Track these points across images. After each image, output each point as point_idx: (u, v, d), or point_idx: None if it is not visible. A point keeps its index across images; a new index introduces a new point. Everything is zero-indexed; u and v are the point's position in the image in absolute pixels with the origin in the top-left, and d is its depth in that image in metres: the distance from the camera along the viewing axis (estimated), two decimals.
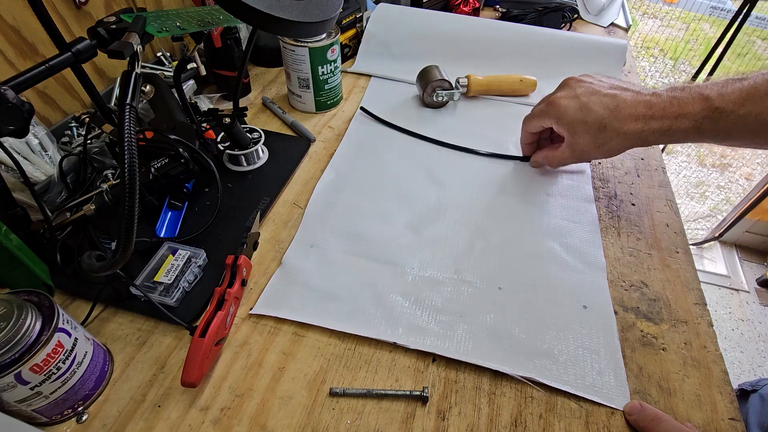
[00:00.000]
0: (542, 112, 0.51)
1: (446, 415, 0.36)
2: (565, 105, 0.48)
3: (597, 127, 0.46)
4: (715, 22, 2.15)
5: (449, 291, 0.44)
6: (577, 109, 0.47)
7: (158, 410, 0.35)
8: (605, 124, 0.46)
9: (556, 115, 0.49)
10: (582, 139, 0.48)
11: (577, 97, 0.48)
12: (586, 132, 0.47)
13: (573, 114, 0.48)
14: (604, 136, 0.46)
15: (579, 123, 0.47)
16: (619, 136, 0.46)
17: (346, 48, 0.76)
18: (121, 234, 0.30)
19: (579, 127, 0.47)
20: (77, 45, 0.37)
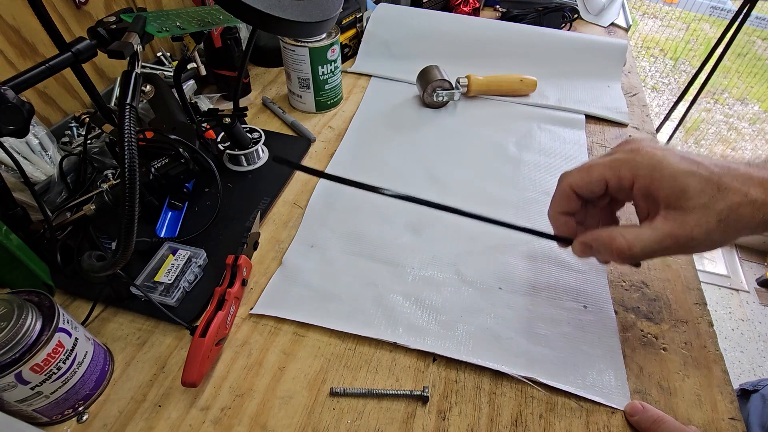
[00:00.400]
0: (618, 160, 0.33)
1: (446, 415, 0.36)
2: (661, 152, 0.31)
3: (716, 186, 0.30)
4: (715, 22, 2.15)
5: (449, 291, 0.44)
6: (680, 158, 0.31)
7: (159, 410, 0.35)
8: (725, 183, 0.30)
9: (649, 165, 0.31)
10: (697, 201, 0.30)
11: (668, 149, 0.32)
12: (702, 191, 0.30)
13: (677, 162, 0.31)
14: (726, 201, 0.30)
15: (691, 175, 0.30)
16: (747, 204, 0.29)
17: (346, 48, 0.76)
18: (122, 234, 0.30)
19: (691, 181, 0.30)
20: (77, 45, 0.37)
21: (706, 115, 2.39)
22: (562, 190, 0.36)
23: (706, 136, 2.32)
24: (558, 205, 0.37)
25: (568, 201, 0.36)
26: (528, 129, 0.64)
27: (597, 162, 0.34)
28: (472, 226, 0.50)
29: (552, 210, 0.38)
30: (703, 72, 1.64)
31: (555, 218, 0.38)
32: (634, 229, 0.32)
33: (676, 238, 0.31)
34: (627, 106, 0.69)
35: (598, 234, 0.35)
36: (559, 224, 0.38)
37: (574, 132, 0.64)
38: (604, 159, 0.34)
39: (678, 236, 0.31)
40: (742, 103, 2.43)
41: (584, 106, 0.68)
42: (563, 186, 0.36)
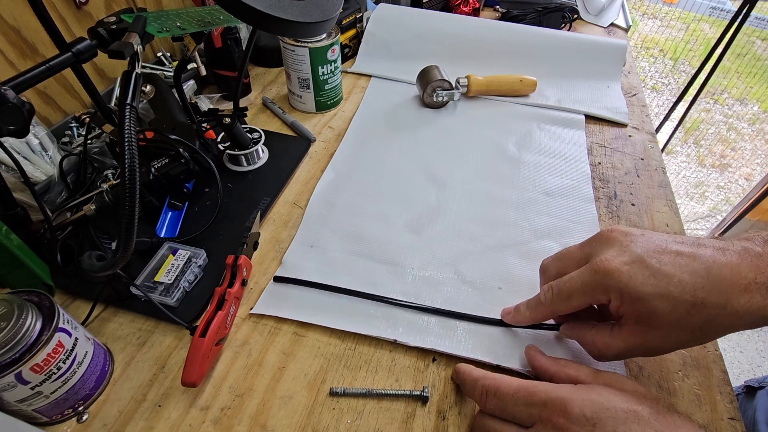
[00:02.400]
0: (588, 284, 0.32)
1: (446, 414, 0.36)
2: (627, 272, 0.31)
3: (689, 305, 0.29)
4: (714, 22, 2.15)
5: (449, 291, 0.44)
6: (649, 275, 0.30)
7: (159, 410, 0.35)
8: (701, 299, 0.29)
9: (617, 288, 0.31)
10: (665, 320, 0.30)
11: (640, 259, 0.31)
12: (673, 311, 0.29)
13: (645, 284, 0.30)
14: (700, 317, 0.29)
15: (660, 298, 0.29)
16: (725, 317, 0.28)
17: (346, 48, 0.77)
18: (122, 234, 0.30)
19: (661, 305, 0.29)
20: (77, 45, 0.37)
21: (705, 115, 2.39)
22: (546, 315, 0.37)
23: (706, 136, 2.32)
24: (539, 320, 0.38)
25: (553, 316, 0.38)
26: (528, 129, 0.64)
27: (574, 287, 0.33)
28: (472, 226, 0.50)
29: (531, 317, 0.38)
30: (703, 72, 1.64)
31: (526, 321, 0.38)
32: (605, 337, 0.33)
33: (643, 349, 0.32)
34: (627, 106, 0.69)
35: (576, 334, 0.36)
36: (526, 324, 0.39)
37: (574, 132, 0.64)
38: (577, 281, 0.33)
39: (645, 348, 0.32)
40: (742, 103, 2.43)
41: (584, 106, 0.68)
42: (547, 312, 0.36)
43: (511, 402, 0.30)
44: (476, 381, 0.33)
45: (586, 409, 0.27)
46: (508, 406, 0.30)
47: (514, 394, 0.30)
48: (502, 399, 0.31)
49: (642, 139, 0.64)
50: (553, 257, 0.38)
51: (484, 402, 0.32)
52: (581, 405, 0.27)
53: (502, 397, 0.31)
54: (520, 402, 0.30)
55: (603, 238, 0.34)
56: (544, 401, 0.29)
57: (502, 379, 0.32)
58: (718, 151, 2.25)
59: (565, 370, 0.33)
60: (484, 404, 0.32)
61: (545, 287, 0.36)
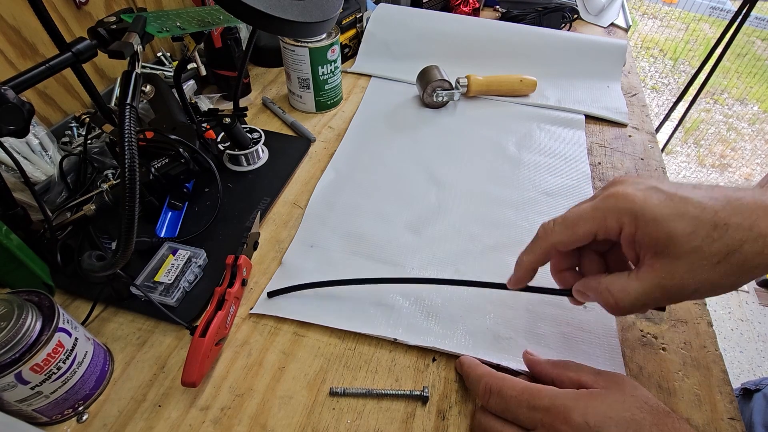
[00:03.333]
0: (599, 209, 0.29)
1: (446, 414, 0.36)
2: (642, 195, 0.28)
3: (710, 225, 0.26)
4: (714, 22, 2.15)
5: (449, 291, 0.44)
6: (665, 198, 0.27)
7: (158, 410, 0.35)
8: (723, 218, 0.26)
9: (631, 211, 0.28)
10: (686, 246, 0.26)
11: (654, 187, 0.28)
12: (693, 234, 0.26)
13: (661, 204, 0.27)
14: (724, 240, 0.26)
15: (677, 218, 0.26)
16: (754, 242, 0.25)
17: (346, 48, 0.77)
18: (122, 234, 0.30)
19: (678, 225, 0.26)
20: (77, 45, 0.37)
21: (705, 115, 2.39)
22: (544, 249, 0.32)
23: (706, 136, 2.32)
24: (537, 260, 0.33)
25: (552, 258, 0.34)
26: (528, 129, 0.64)
27: (581, 214, 0.30)
28: (472, 226, 0.50)
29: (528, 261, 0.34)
30: (703, 72, 1.64)
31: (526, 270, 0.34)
32: (621, 280, 0.29)
33: (666, 289, 0.27)
34: (627, 106, 0.69)
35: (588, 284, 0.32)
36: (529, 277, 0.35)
37: (574, 132, 0.64)
38: (587, 208, 0.30)
39: (667, 287, 0.27)
40: (742, 103, 2.43)
41: (584, 106, 0.68)
42: (545, 245, 0.32)
43: (514, 404, 0.30)
44: (480, 377, 0.33)
45: (589, 418, 0.27)
46: (511, 407, 0.30)
47: (517, 396, 0.30)
48: (506, 400, 0.31)
49: (642, 139, 0.64)
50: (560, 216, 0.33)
51: (486, 400, 0.32)
52: (584, 413, 0.27)
53: (506, 398, 0.31)
54: (524, 405, 0.30)
55: (614, 181, 0.31)
56: (547, 406, 0.29)
57: (507, 380, 0.32)
58: (718, 151, 2.25)
59: (566, 372, 0.33)
60: (486, 402, 0.32)
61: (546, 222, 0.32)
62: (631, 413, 0.27)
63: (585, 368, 0.33)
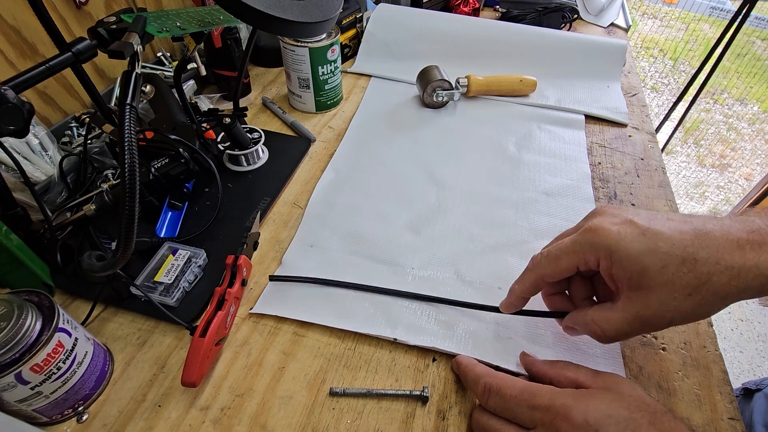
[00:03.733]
0: (578, 243, 0.32)
1: (446, 414, 0.36)
2: (616, 230, 0.30)
3: (679, 260, 0.28)
4: (714, 22, 2.15)
5: (449, 291, 0.44)
6: (637, 234, 0.29)
7: (158, 410, 0.35)
8: (691, 253, 0.28)
9: (606, 247, 0.30)
10: (658, 279, 0.28)
11: (628, 221, 0.30)
12: (663, 268, 0.28)
13: (633, 241, 0.29)
14: (693, 275, 0.28)
15: (648, 254, 0.29)
16: (721, 275, 0.27)
17: (346, 48, 0.77)
18: (122, 234, 0.30)
19: (649, 262, 0.28)
20: (77, 45, 0.37)
21: (705, 115, 2.39)
22: (534, 281, 0.35)
23: (706, 136, 2.32)
24: (528, 291, 0.36)
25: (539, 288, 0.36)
26: (528, 129, 0.64)
27: (563, 249, 0.33)
28: (472, 226, 0.50)
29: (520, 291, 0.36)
30: (703, 72, 1.64)
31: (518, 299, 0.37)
32: (605, 311, 0.32)
33: (645, 318, 0.30)
34: (627, 106, 0.69)
35: (575, 318, 0.35)
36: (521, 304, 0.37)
37: (574, 132, 0.64)
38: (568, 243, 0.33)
39: (645, 317, 0.29)
40: (742, 103, 2.43)
41: (584, 106, 0.68)
42: (534, 277, 0.35)
43: (513, 403, 0.30)
44: (479, 377, 0.33)
45: (589, 416, 0.27)
46: (511, 407, 0.30)
47: (517, 395, 0.30)
48: (505, 399, 0.31)
49: (642, 139, 0.64)
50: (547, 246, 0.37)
51: (486, 399, 0.32)
52: (584, 411, 0.27)
53: (505, 397, 0.31)
54: (523, 404, 0.30)
55: (595, 212, 0.34)
56: (547, 405, 0.29)
57: (506, 380, 0.32)
58: (718, 151, 2.25)
59: (564, 372, 0.33)
60: (485, 402, 0.32)
61: (535, 255, 0.35)
62: (629, 412, 0.27)
63: (583, 368, 0.33)
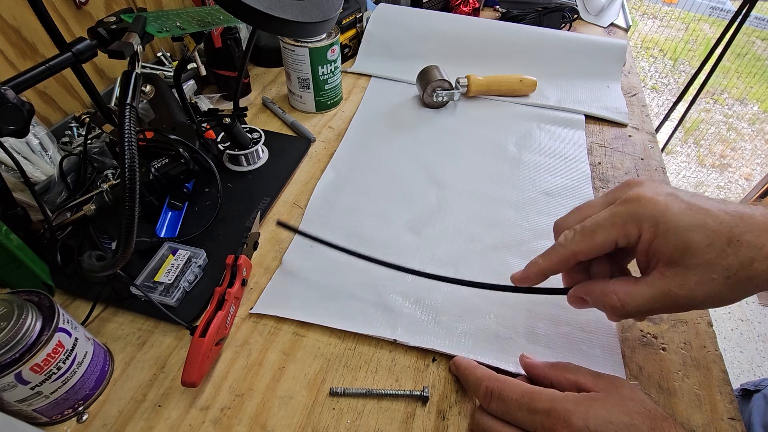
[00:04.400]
0: (618, 215, 0.30)
1: (446, 414, 0.36)
2: (663, 200, 0.29)
3: (726, 239, 0.27)
4: (714, 22, 2.15)
5: (449, 291, 0.44)
6: (686, 207, 0.28)
7: (158, 410, 0.35)
8: (737, 234, 0.27)
9: (652, 217, 0.28)
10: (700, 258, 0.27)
11: (673, 194, 0.29)
12: (710, 246, 0.27)
13: (682, 213, 0.28)
14: (737, 256, 0.27)
15: (697, 229, 0.27)
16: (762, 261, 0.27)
17: (346, 48, 0.77)
18: (122, 234, 0.30)
19: (697, 236, 0.27)
20: (77, 45, 0.37)
21: (705, 115, 2.39)
22: (564, 258, 0.32)
23: (706, 136, 2.32)
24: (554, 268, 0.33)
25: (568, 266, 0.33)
26: (528, 129, 0.64)
27: (599, 222, 0.30)
28: (472, 226, 0.50)
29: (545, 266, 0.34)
30: (703, 72, 1.64)
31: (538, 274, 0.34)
32: (629, 284, 0.30)
33: (675, 297, 0.28)
34: (627, 106, 0.69)
35: (590, 288, 0.32)
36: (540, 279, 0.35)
37: (574, 132, 0.64)
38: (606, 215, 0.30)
39: (676, 296, 0.28)
40: (742, 103, 2.43)
41: (584, 106, 0.68)
42: (566, 253, 0.32)
43: (515, 407, 0.30)
44: (480, 380, 0.33)
45: (590, 422, 0.27)
46: (512, 410, 0.30)
47: (518, 399, 0.30)
48: (506, 403, 0.31)
49: (642, 139, 0.64)
50: (570, 211, 0.34)
51: (487, 403, 0.32)
52: (585, 417, 0.27)
53: (507, 401, 0.31)
54: (524, 408, 0.30)
55: (630, 182, 0.32)
56: (547, 410, 0.29)
57: (507, 382, 0.32)
58: (718, 151, 2.25)
59: (564, 374, 0.32)
60: (487, 405, 0.32)
61: (566, 231, 0.32)
62: (630, 418, 0.27)
63: (583, 370, 0.33)
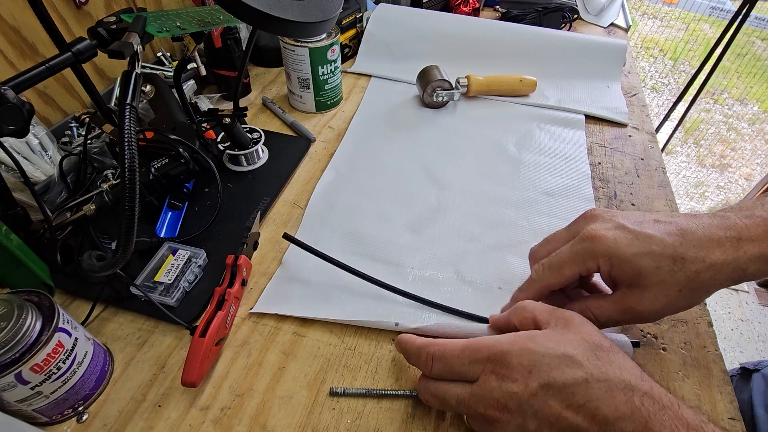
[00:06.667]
0: (578, 253, 0.35)
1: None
2: (612, 236, 0.33)
3: (671, 260, 0.32)
4: (714, 22, 2.15)
5: (449, 291, 0.44)
6: (632, 238, 0.33)
7: (158, 410, 0.35)
8: (680, 254, 0.31)
9: (605, 252, 0.33)
10: (653, 278, 0.32)
11: (621, 226, 0.34)
12: (658, 268, 0.32)
13: (629, 246, 0.33)
14: (684, 271, 0.31)
15: (644, 256, 0.32)
16: (706, 270, 0.31)
17: (346, 48, 0.77)
18: (122, 234, 0.30)
19: (645, 262, 0.32)
20: (77, 45, 0.37)
21: (705, 115, 2.39)
22: (539, 291, 0.38)
23: (706, 136, 2.32)
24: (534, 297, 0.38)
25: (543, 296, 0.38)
26: (528, 129, 0.64)
27: (564, 258, 0.36)
28: (472, 226, 0.50)
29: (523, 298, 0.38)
30: (703, 72, 1.64)
31: None
32: (599, 301, 0.35)
33: (635, 312, 0.33)
34: (627, 107, 0.69)
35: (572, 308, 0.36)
36: None
37: (574, 132, 0.64)
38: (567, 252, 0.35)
39: (636, 310, 0.33)
40: (742, 103, 2.43)
41: (584, 106, 0.68)
42: (539, 287, 0.37)
43: (457, 363, 0.31)
44: (421, 348, 0.33)
45: (524, 359, 0.29)
46: (455, 366, 0.31)
47: (459, 354, 0.31)
48: (448, 361, 0.31)
49: (642, 139, 0.64)
50: (541, 242, 0.40)
51: (429, 367, 0.32)
52: (519, 355, 0.29)
53: (448, 359, 0.31)
54: (465, 361, 0.31)
55: (587, 216, 0.37)
56: (487, 356, 0.30)
57: (447, 344, 0.33)
58: (718, 151, 2.25)
59: (523, 314, 0.34)
60: (429, 369, 0.32)
61: (536, 265, 0.38)
62: (565, 349, 0.29)
63: (540, 307, 0.34)
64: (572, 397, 0.27)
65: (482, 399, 0.29)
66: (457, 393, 0.31)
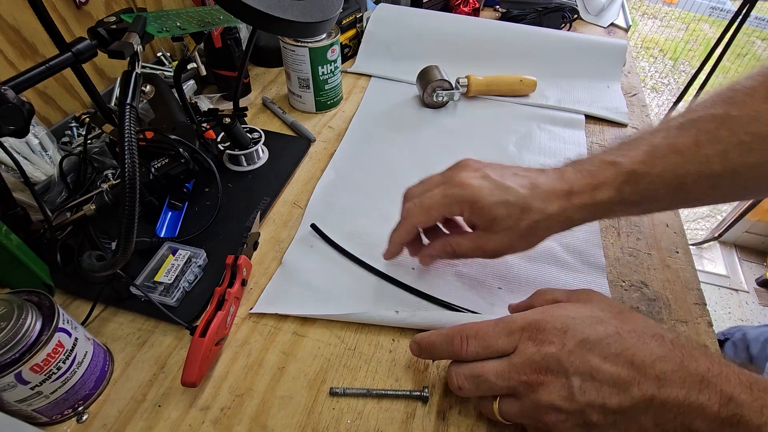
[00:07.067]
0: (447, 196, 0.39)
1: (446, 415, 0.36)
2: (478, 185, 0.38)
3: (520, 209, 0.36)
4: (714, 22, 2.15)
5: (449, 291, 0.44)
6: (494, 188, 0.37)
7: (158, 410, 0.35)
8: (528, 204, 0.37)
9: (470, 198, 0.37)
10: (503, 225, 0.37)
11: (486, 176, 0.38)
12: (509, 216, 0.37)
13: (491, 194, 0.37)
14: (528, 220, 0.37)
15: (500, 205, 0.37)
16: (544, 219, 0.37)
17: (346, 48, 0.77)
18: (121, 234, 0.30)
19: (500, 211, 0.37)
20: (77, 45, 0.37)
21: None
22: (409, 229, 0.41)
23: None
24: (405, 237, 0.42)
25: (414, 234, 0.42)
26: (528, 129, 0.64)
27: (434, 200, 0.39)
28: None
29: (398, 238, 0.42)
30: (703, 72, 1.64)
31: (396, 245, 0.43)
32: (458, 238, 0.41)
33: (485, 249, 0.39)
34: (626, 107, 0.69)
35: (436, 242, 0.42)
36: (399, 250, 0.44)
37: (574, 132, 0.64)
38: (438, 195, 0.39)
39: (486, 249, 0.39)
40: None
41: (584, 106, 0.68)
42: (409, 225, 0.41)
43: (493, 337, 0.32)
44: (450, 337, 0.33)
45: (557, 323, 0.31)
46: (491, 342, 0.32)
47: (494, 329, 0.32)
48: (485, 337, 0.32)
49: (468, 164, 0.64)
50: (417, 183, 0.43)
51: (465, 349, 0.32)
52: (552, 321, 0.31)
53: (484, 336, 0.32)
54: (502, 334, 0.32)
55: (460, 165, 0.41)
56: (521, 326, 0.31)
57: (477, 323, 0.33)
58: None
59: (543, 297, 0.37)
60: (465, 351, 0.32)
61: (409, 203, 0.41)
62: (592, 312, 0.31)
63: (558, 290, 0.36)
64: (608, 347, 0.29)
65: (522, 366, 0.30)
66: (495, 367, 0.31)
